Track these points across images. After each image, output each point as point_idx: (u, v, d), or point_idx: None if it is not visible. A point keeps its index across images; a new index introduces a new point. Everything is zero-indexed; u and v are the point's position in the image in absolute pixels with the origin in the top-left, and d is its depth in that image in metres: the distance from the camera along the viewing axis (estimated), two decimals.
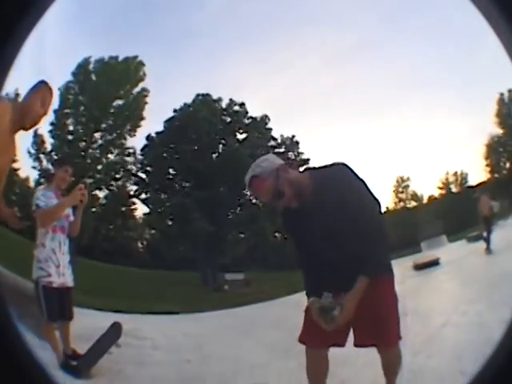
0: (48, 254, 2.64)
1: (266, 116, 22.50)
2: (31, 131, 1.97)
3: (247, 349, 3.88)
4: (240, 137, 22.93)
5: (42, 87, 1.94)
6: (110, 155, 23.46)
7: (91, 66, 22.99)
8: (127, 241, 24.93)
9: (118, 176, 23.11)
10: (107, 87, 22.25)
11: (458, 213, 30.32)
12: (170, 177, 22.05)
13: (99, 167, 22.68)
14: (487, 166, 27.12)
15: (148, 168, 22.17)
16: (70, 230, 2.87)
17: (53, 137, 19.22)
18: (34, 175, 20.04)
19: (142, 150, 22.49)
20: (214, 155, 22.07)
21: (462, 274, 6.31)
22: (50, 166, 19.31)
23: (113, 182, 22.98)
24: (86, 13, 24.76)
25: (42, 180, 19.81)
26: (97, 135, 23.51)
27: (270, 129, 22.05)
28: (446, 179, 37.22)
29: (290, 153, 23.00)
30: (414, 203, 38.14)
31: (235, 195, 21.47)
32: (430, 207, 34.33)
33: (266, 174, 1.71)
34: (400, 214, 36.57)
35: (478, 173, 36.25)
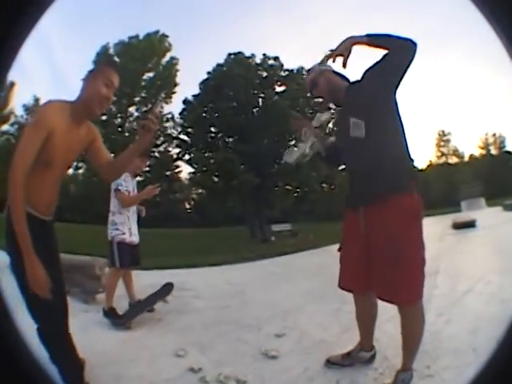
0: (124, 219, 3.26)
1: (303, 68, 21.67)
2: None
3: (285, 294, 4.00)
4: (279, 90, 22.40)
5: (101, 68, 1.72)
6: None
7: (111, 51, 23.09)
8: (174, 204, 25.94)
9: (158, 142, 23.77)
10: (133, 65, 22.36)
11: (496, 178, 28.28)
12: (212, 135, 22.27)
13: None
14: None
15: (189, 130, 22.53)
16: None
17: None
18: None
19: (180, 113, 22.97)
20: (255, 109, 21.85)
21: (495, 241, 5.91)
22: None
23: (154, 149, 23.73)
24: (89, 8, 24.51)
25: (80, 164, 20.81)
26: (131, 109, 24.10)
27: None
28: (486, 139, 34.36)
29: None
30: (455, 159, 35.96)
31: (279, 146, 21.25)
32: (470, 167, 32.23)
33: (315, 69, 2.00)
34: (442, 170, 35.08)
35: None
